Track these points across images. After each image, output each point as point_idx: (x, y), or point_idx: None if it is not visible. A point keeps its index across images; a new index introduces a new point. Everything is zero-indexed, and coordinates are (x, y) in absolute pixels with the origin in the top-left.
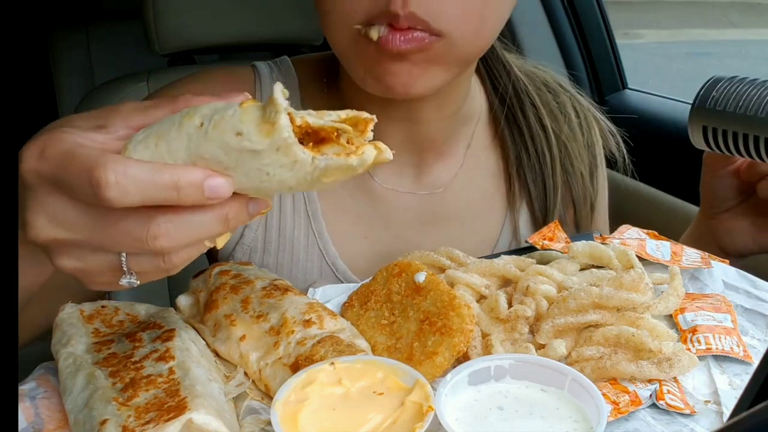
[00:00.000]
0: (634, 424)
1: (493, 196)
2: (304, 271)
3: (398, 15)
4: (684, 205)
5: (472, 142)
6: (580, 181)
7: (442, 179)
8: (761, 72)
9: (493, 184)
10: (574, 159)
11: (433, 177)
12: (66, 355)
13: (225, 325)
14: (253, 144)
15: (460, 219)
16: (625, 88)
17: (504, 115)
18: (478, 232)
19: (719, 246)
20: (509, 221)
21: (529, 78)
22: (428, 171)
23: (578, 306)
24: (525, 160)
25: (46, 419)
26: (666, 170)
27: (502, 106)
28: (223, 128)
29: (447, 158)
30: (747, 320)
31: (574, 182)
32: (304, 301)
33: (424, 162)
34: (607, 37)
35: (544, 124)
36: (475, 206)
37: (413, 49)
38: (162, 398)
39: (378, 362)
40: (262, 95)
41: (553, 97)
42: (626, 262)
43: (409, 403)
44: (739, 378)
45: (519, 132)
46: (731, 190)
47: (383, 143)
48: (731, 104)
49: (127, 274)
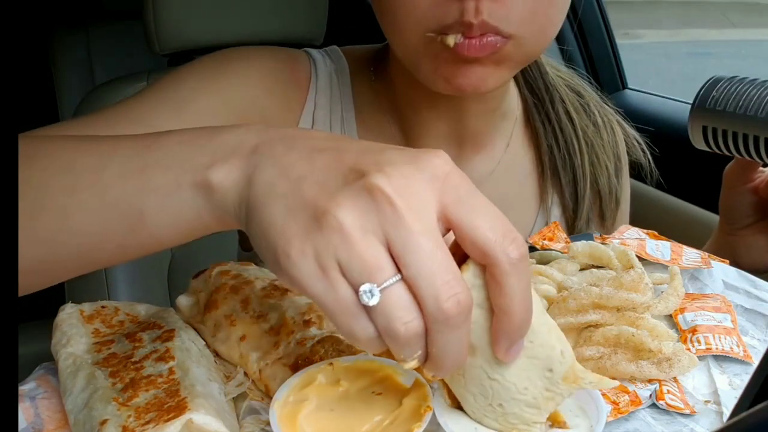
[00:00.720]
0: (634, 424)
1: (527, 192)
2: None
3: (472, 24)
4: (685, 205)
5: (511, 141)
6: (606, 174)
7: (480, 172)
8: (761, 72)
9: (528, 181)
10: (600, 153)
11: (471, 169)
12: (66, 356)
13: (225, 325)
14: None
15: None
16: (625, 88)
17: (535, 108)
18: (514, 224)
19: (737, 261)
20: (542, 216)
21: (555, 70)
22: (468, 163)
23: (578, 306)
24: (555, 150)
25: (46, 419)
26: (666, 170)
27: (533, 98)
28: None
29: (485, 153)
30: (747, 320)
31: (601, 174)
32: (303, 301)
33: (464, 154)
34: (607, 37)
35: (572, 117)
36: (509, 202)
37: (488, 54)
38: (162, 398)
39: (377, 362)
40: (318, 79)
41: (577, 97)
42: (626, 262)
43: (408, 403)
44: (739, 378)
45: (549, 123)
46: (750, 207)
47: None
48: (731, 104)
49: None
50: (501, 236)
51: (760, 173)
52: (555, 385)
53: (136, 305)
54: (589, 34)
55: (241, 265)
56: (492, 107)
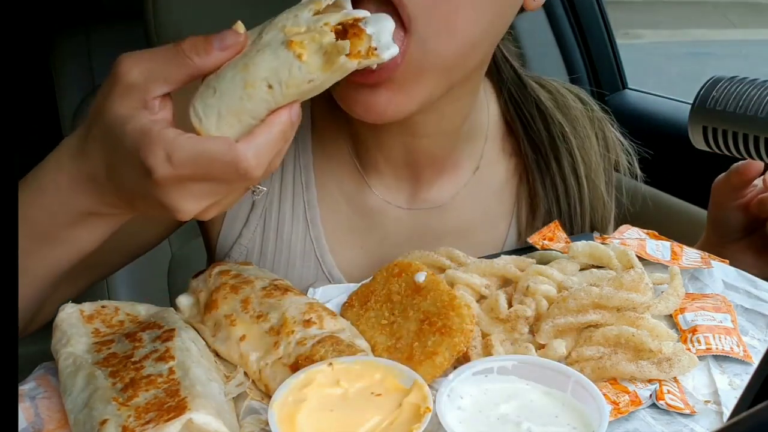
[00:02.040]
0: (634, 424)
1: (497, 212)
2: (300, 278)
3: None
4: (685, 205)
5: (481, 162)
6: (596, 191)
7: (441, 197)
8: (761, 72)
9: (498, 200)
10: (592, 170)
11: (431, 194)
12: (66, 355)
13: (225, 325)
14: (317, 78)
15: (457, 235)
16: (625, 88)
17: (522, 128)
18: (476, 247)
19: None
20: (512, 237)
21: (544, 89)
22: (426, 187)
23: (578, 306)
24: (544, 170)
25: (46, 419)
26: (666, 170)
27: (519, 119)
28: (297, 83)
29: (449, 176)
30: (747, 320)
31: (592, 192)
32: (304, 301)
33: (422, 178)
34: (607, 37)
35: (563, 133)
36: (474, 225)
37: (384, 79)
38: (162, 398)
39: (376, 363)
40: None
41: (569, 108)
42: (626, 262)
43: (407, 404)
44: (739, 378)
45: (537, 148)
46: (739, 225)
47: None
48: (731, 104)
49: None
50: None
51: (751, 190)
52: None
53: (137, 305)
54: (589, 34)
55: (241, 265)
56: (447, 129)
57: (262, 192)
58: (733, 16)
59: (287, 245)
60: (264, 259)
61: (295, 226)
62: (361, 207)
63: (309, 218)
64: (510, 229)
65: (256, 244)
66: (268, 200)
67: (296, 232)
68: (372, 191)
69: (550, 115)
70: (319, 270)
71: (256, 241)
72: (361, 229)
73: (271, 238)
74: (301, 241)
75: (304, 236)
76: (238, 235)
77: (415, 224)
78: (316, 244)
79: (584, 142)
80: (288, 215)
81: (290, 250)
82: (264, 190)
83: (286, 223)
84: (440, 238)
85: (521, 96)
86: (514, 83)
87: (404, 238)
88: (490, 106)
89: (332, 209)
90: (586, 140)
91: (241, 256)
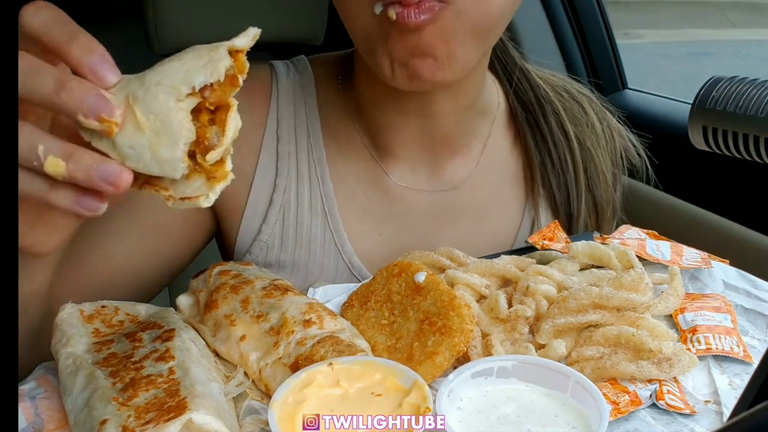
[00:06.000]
0: (634, 424)
1: (509, 197)
2: (321, 268)
3: None
4: (685, 205)
5: (488, 142)
6: (603, 188)
7: (456, 177)
8: (761, 72)
9: (510, 186)
10: (598, 165)
11: (447, 175)
12: (66, 355)
13: (225, 325)
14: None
15: (474, 217)
16: (625, 88)
17: (526, 121)
18: (492, 230)
19: None
20: (527, 223)
21: (550, 85)
22: (442, 169)
23: (578, 306)
24: (549, 166)
25: (46, 419)
26: (666, 170)
27: (524, 111)
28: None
29: (462, 156)
30: (747, 320)
31: (598, 189)
32: (304, 301)
33: (438, 159)
34: (607, 37)
35: (566, 130)
36: (489, 205)
37: (428, 20)
38: (162, 398)
39: (376, 363)
40: (278, 94)
41: (576, 104)
42: (626, 262)
43: (407, 404)
44: (739, 378)
45: (542, 138)
46: None
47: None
48: (731, 104)
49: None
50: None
51: None
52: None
53: (137, 305)
54: (589, 34)
55: (241, 265)
56: (464, 104)
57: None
58: (733, 16)
59: (307, 238)
60: (284, 253)
61: (314, 219)
62: (378, 193)
63: (327, 210)
64: (524, 215)
65: (276, 239)
66: (285, 196)
67: (315, 225)
68: (389, 177)
69: (553, 107)
70: (340, 259)
71: (275, 236)
72: (377, 215)
73: (291, 233)
74: (321, 233)
75: (323, 228)
76: (257, 232)
77: (432, 207)
78: (335, 234)
79: (585, 129)
80: (306, 208)
81: (310, 242)
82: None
83: (305, 216)
84: (457, 221)
85: (524, 85)
86: (515, 66)
87: (422, 221)
88: (494, 87)
89: (349, 199)
90: (588, 128)
91: (262, 252)
